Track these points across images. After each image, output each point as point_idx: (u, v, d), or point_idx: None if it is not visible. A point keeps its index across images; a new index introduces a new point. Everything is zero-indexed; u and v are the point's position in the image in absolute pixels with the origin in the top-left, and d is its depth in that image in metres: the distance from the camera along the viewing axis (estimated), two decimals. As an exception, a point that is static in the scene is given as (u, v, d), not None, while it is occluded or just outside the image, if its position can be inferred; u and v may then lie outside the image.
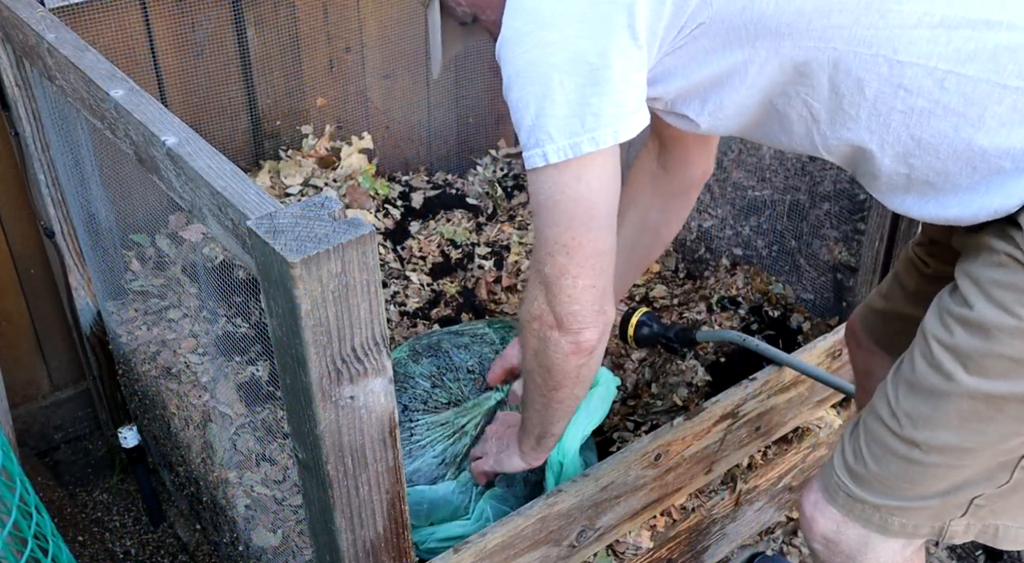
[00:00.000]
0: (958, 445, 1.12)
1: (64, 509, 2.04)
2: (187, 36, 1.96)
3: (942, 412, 1.12)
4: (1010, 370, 1.06)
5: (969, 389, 1.09)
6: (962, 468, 1.14)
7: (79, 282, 1.87)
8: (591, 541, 1.58)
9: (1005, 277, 1.05)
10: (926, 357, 1.14)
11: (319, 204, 0.97)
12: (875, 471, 1.20)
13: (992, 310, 1.06)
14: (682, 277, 2.28)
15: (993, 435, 1.10)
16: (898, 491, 1.19)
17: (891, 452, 1.18)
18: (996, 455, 1.13)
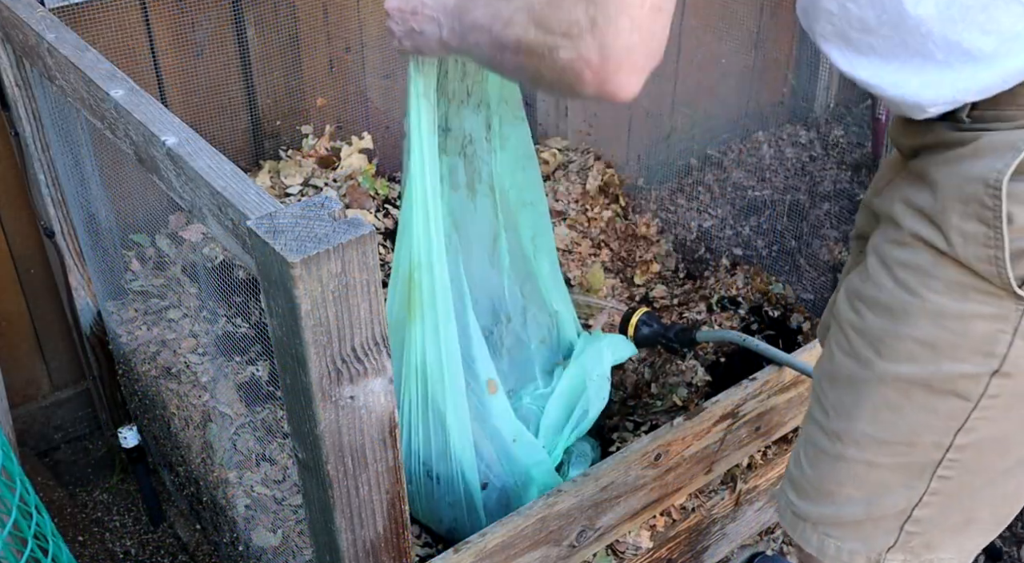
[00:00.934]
0: (873, 436, 1.08)
1: (64, 509, 2.04)
2: (187, 36, 1.96)
3: (860, 400, 1.09)
4: (916, 353, 1.02)
5: (880, 374, 1.06)
6: (880, 467, 1.10)
7: (79, 282, 1.87)
8: (591, 541, 1.58)
9: (910, 258, 1.02)
10: (841, 345, 1.11)
11: (319, 204, 0.97)
12: (809, 474, 1.17)
13: (898, 291, 1.03)
14: (682, 277, 2.28)
15: (904, 426, 1.06)
16: (826, 496, 1.15)
17: (821, 450, 1.15)
18: (909, 452, 1.08)
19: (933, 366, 1.02)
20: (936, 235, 0.99)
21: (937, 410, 1.04)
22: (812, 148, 2.74)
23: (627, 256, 2.26)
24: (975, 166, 0.94)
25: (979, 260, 0.96)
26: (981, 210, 0.94)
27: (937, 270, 1.00)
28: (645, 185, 2.59)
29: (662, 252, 2.29)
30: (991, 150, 0.94)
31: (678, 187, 2.61)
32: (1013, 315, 0.97)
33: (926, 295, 1.00)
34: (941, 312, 1.00)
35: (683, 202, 2.53)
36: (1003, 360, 0.99)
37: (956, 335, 1.00)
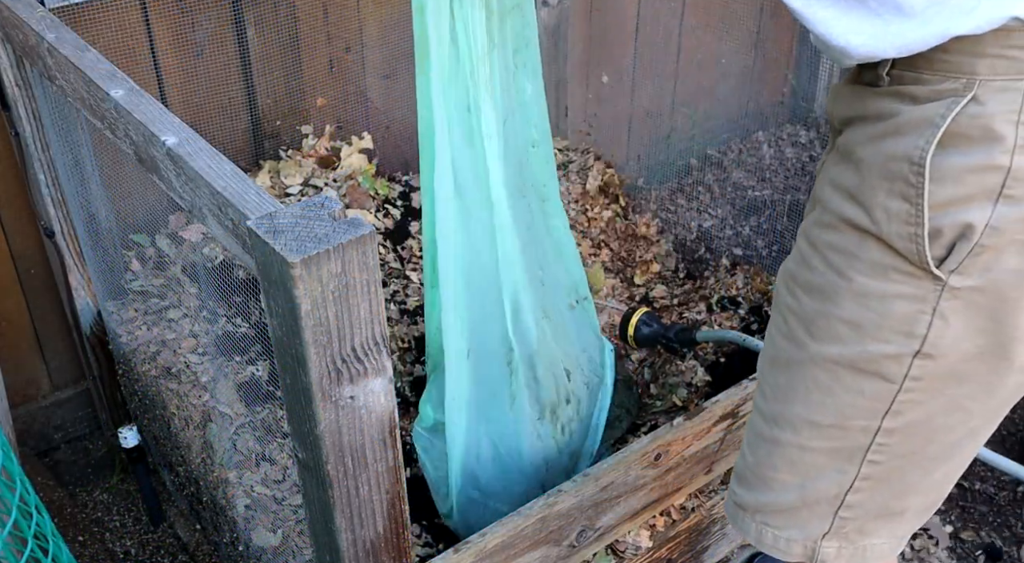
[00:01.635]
0: (806, 418, 1.10)
1: (64, 509, 2.04)
2: (187, 36, 1.96)
3: (793, 382, 1.10)
4: (843, 334, 1.04)
5: (812, 355, 1.07)
6: (812, 450, 1.11)
7: (79, 282, 1.87)
8: (591, 541, 1.58)
9: (837, 239, 1.03)
10: (780, 328, 1.12)
11: (319, 204, 0.97)
12: (749, 461, 1.18)
13: (828, 273, 1.04)
14: (682, 277, 2.28)
15: (834, 408, 1.07)
16: (763, 482, 1.17)
17: (758, 434, 1.16)
18: (841, 436, 1.09)
19: (859, 347, 1.03)
20: (861, 214, 1.00)
21: (864, 391, 1.05)
22: (812, 148, 2.74)
23: (627, 256, 2.26)
24: (899, 144, 0.96)
25: (900, 238, 0.97)
26: (905, 187, 0.96)
27: (861, 251, 1.01)
28: (645, 185, 2.60)
29: (662, 252, 2.29)
30: (912, 127, 0.95)
31: (678, 187, 2.61)
32: (931, 296, 0.98)
33: (852, 276, 1.02)
34: (865, 292, 1.01)
35: (683, 202, 2.53)
36: (923, 341, 1.00)
37: (879, 315, 1.01)
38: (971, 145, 0.92)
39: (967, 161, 0.93)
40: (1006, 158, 0.92)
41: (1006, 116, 0.91)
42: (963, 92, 0.92)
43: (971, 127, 0.92)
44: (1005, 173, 0.92)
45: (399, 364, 1.91)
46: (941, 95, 0.93)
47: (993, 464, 1.99)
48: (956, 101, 0.92)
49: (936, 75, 0.94)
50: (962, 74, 0.92)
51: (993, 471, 2.21)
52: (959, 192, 0.94)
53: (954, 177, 0.93)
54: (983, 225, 0.94)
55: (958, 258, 0.96)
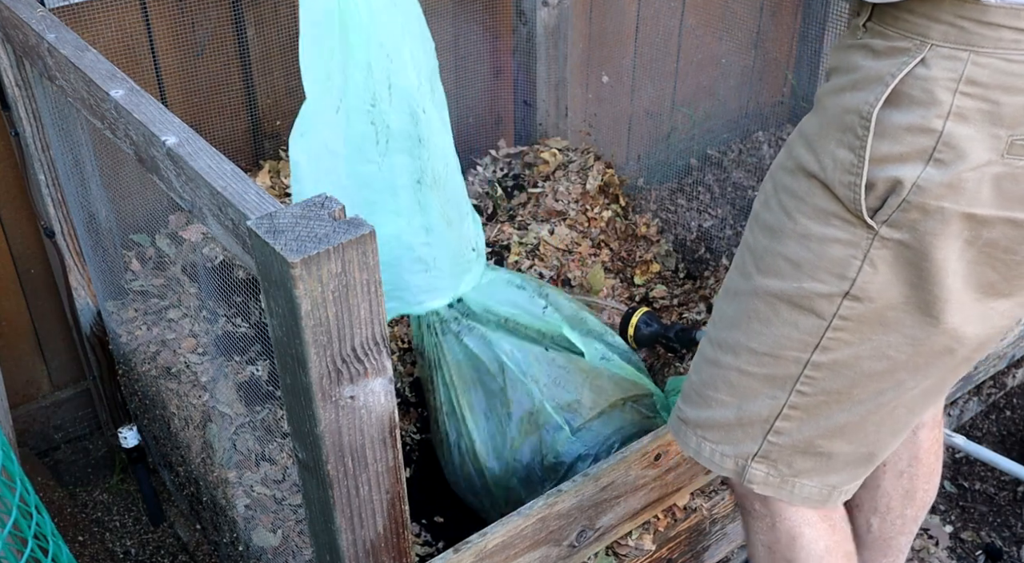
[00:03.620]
0: (746, 345, 1.18)
1: (64, 509, 2.04)
2: (187, 36, 1.96)
3: (739, 311, 1.19)
4: (784, 270, 1.12)
5: (755, 286, 1.16)
6: (749, 375, 1.19)
7: (79, 282, 1.87)
8: (591, 541, 1.58)
9: (791, 182, 1.11)
10: (736, 262, 1.22)
11: (319, 204, 0.97)
12: (694, 380, 1.27)
13: (779, 213, 1.13)
14: (682, 277, 2.28)
15: (771, 337, 1.15)
16: (704, 400, 1.25)
17: (704, 357, 1.25)
18: (775, 364, 1.17)
19: (796, 283, 1.11)
20: (812, 160, 1.08)
21: (798, 325, 1.13)
22: (812, 148, 2.74)
23: (627, 256, 2.26)
24: (854, 97, 1.03)
25: (842, 185, 1.05)
26: (852, 139, 1.03)
27: (809, 195, 1.09)
28: (645, 185, 2.60)
29: (662, 252, 2.29)
30: (867, 82, 1.02)
31: (678, 187, 2.61)
32: (863, 242, 1.06)
33: (797, 218, 1.10)
34: (807, 234, 1.10)
35: (683, 202, 2.53)
36: (853, 283, 1.08)
37: (816, 256, 1.09)
38: (912, 105, 0.99)
39: (906, 120, 1.00)
40: (940, 122, 0.98)
41: (946, 83, 0.97)
42: (914, 53, 0.99)
43: (915, 87, 0.99)
44: (937, 137, 0.99)
45: (399, 364, 1.91)
46: (895, 52, 1.00)
47: (993, 464, 1.99)
48: (907, 61, 0.99)
49: (896, 32, 1.01)
50: (917, 35, 0.99)
51: (993, 471, 2.21)
52: (896, 149, 1.01)
53: (893, 134, 1.01)
54: (911, 183, 1.01)
55: (888, 211, 1.03)
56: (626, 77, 2.64)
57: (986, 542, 2.06)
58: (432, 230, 1.61)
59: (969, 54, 0.97)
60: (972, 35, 0.96)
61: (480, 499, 1.73)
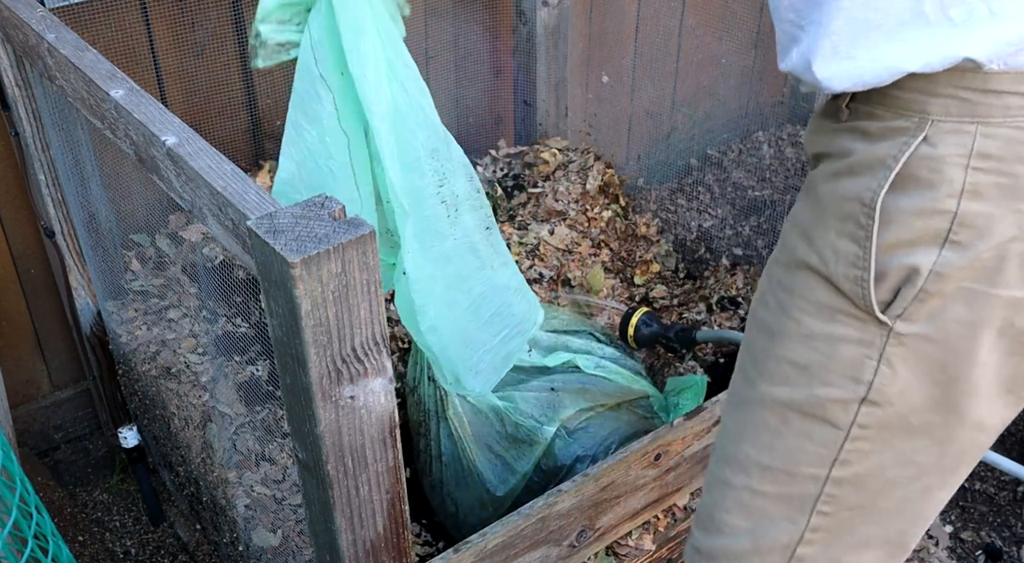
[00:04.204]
0: (756, 460, 1.08)
1: (64, 509, 2.04)
2: (187, 36, 1.96)
3: (745, 422, 1.08)
4: (790, 375, 1.02)
5: (761, 395, 1.05)
6: (763, 495, 1.08)
7: (79, 282, 1.87)
8: (591, 541, 1.58)
9: (786, 279, 1.02)
10: (739, 365, 1.11)
11: (319, 204, 0.97)
12: (705, 501, 1.15)
13: (777, 311, 1.03)
14: (682, 277, 2.28)
15: (782, 451, 1.05)
16: (717, 526, 1.14)
17: (713, 475, 1.14)
18: (790, 481, 1.06)
19: (806, 389, 1.01)
20: (811, 253, 0.98)
21: (812, 436, 1.03)
22: (812, 148, 2.74)
23: (627, 256, 2.26)
24: (852, 184, 0.94)
25: (847, 280, 0.95)
26: (855, 229, 0.94)
27: (808, 291, 0.99)
28: (645, 185, 2.60)
29: (662, 252, 2.29)
30: (866, 167, 0.93)
31: (678, 187, 2.61)
32: (877, 340, 0.96)
33: (797, 316, 1.00)
34: (811, 334, 0.99)
35: (683, 202, 2.53)
36: (869, 387, 0.98)
37: (825, 357, 0.99)
38: (919, 187, 0.90)
39: (914, 204, 0.91)
40: (953, 202, 0.89)
41: (956, 159, 0.89)
42: (915, 131, 0.90)
43: (920, 168, 0.90)
44: (951, 218, 0.90)
45: (399, 364, 1.91)
46: (893, 133, 0.92)
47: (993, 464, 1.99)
48: (908, 141, 0.90)
49: (889, 112, 0.92)
50: (914, 112, 0.90)
51: (993, 471, 2.21)
52: (905, 235, 0.92)
53: (901, 220, 0.92)
54: (928, 270, 0.91)
55: (903, 303, 0.93)
56: (626, 77, 2.64)
57: (986, 542, 2.06)
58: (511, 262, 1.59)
59: (976, 126, 0.88)
60: (977, 106, 0.88)
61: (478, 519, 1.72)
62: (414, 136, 1.38)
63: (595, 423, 1.69)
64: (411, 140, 1.37)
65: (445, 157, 1.43)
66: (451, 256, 1.47)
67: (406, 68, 1.36)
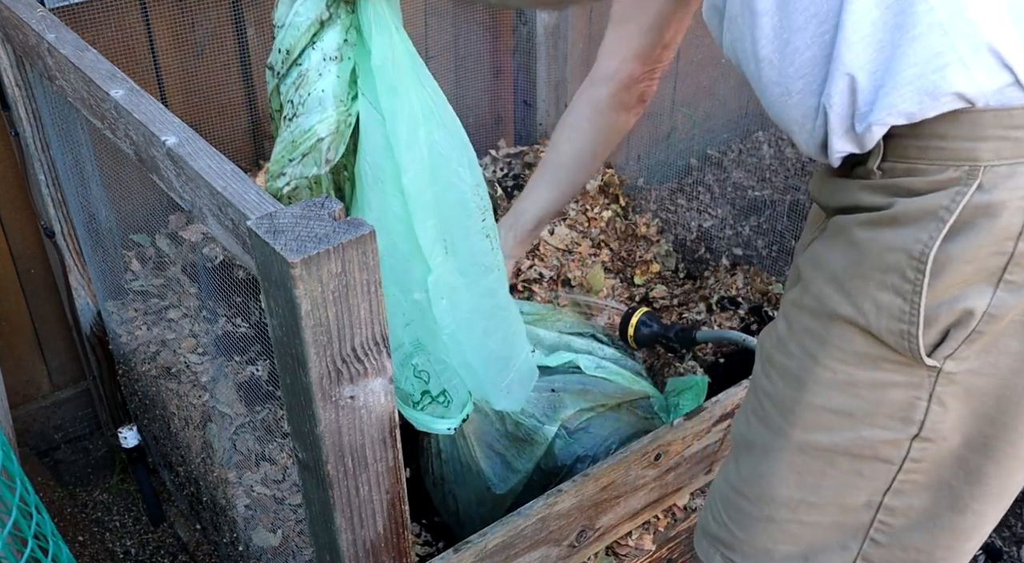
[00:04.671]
0: (802, 500, 1.05)
1: (64, 509, 2.04)
2: (187, 36, 1.96)
3: (779, 468, 1.05)
4: (832, 422, 0.99)
5: (799, 443, 1.02)
6: (812, 524, 1.06)
7: (79, 282, 1.87)
8: (591, 541, 1.58)
9: (817, 327, 0.97)
10: (756, 411, 1.08)
11: (319, 204, 0.97)
12: (741, 537, 1.12)
13: (806, 360, 0.98)
14: (682, 277, 2.28)
15: (831, 490, 1.03)
16: (764, 553, 1.11)
17: (746, 514, 1.11)
18: (841, 512, 1.04)
19: (852, 433, 0.99)
20: (845, 304, 0.94)
21: (862, 472, 1.01)
22: (812, 148, 2.74)
23: (627, 256, 2.26)
24: (897, 235, 0.89)
25: (891, 333, 0.92)
26: (900, 282, 0.89)
27: (845, 343, 0.95)
28: (645, 185, 2.60)
29: (662, 252, 2.29)
30: (912, 218, 0.88)
31: (678, 187, 2.61)
32: (927, 382, 0.93)
33: (833, 366, 0.97)
34: (852, 382, 0.96)
35: (683, 202, 2.53)
36: (921, 426, 0.96)
37: (871, 403, 0.97)
38: (973, 233, 0.86)
39: (968, 250, 0.86)
40: (1010, 245, 0.86)
41: (1015, 203, 0.84)
42: (967, 180, 0.85)
43: (976, 215, 0.85)
44: (1008, 258, 0.86)
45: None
46: (942, 186, 0.86)
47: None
48: (961, 191, 0.85)
49: (934, 165, 0.87)
50: (964, 161, 0.85)
51: (993, 471, 2.21)
52: (957, 279, 0.88)
53: (954, 266, 0.87)
54: (982, 312, 0.88)
55: (953, 344, 0.90)
56: (626, 77, 2.63)
57: (986, 542, 2.06)
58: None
59: None
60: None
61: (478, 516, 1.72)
62: (460, 178, 1.37)
63: (596, 423, 1.68)
64: (457, 182, 1.37)
65: (485, 190, 1.42)
66: (495, 289, 1.45)
67: (443, 105, 1.37)
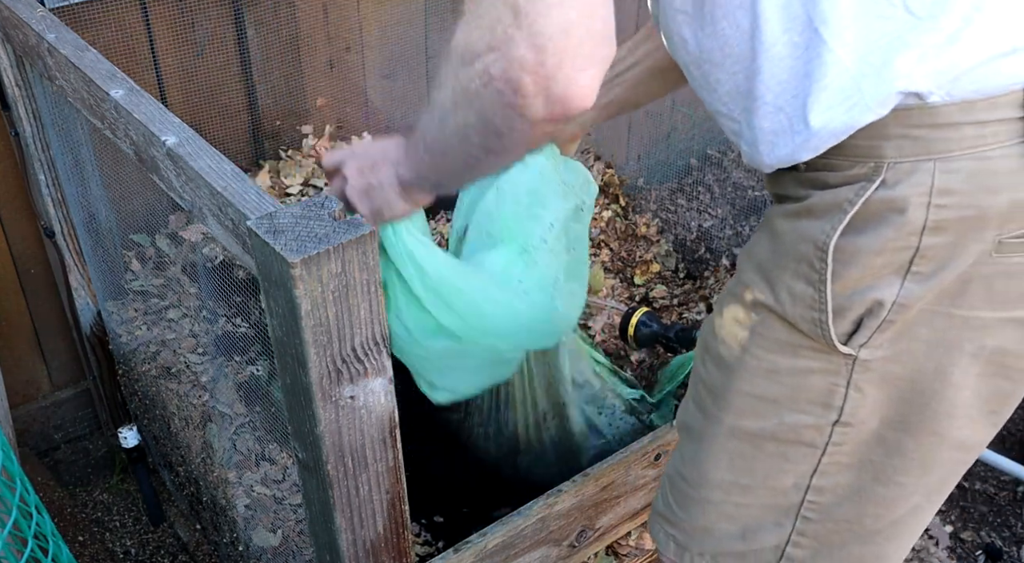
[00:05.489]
0: (734, 482, 1.08)
1: (64, 509, 2.04)
2: (187, 36, 1.96)
3: (712, 452, 1.08)
4: (757, 408, 1.02)
5: (729, 427, 1.05)
6: (746, 505, 1.10)
7: (79, 282, 1.87)
8: (591, 541, 1.58)
9: (743, 316, 1.01)
10: (693, 395, 1.11)
11: (319, 204, 0.97)
12: (683, 516, 1.16)
13: (734, 347, 1.02)
14: (682, 277, 2.28)
15: (760, 472, 1.06)
16: (704, 531, 1.15)
17: (685, 495, 1.15)
18: (772, 494, 1.07)
19: (776, 419, 1.01)
20: (767, 292, 0.97)
21: (788, 457, 1.04)
22: (812, 148, 2.74)
23: (627, 256, 2.26)
24: (809, 226, 0.92)
25: (805, 321, 0.95)
26: (809, 271, 0.93)
27: (766, 329, 0.99)
28: (645, 185, 2.59)
29: (662, 252, 2.29)
30: (823, 210, 0.91)
31: (678, 187, 2.60)
32: (843, 369, 0.96)
33: (758, 353, 1.00)
34: (774, 369, 0.99)
35: (683, 202, 2.53)
36: (841, 411, 0.98)
37: (792, 390, 0.99)
38: (879, 227, 0.89)
39: (875, 243, 0.89)
40: (915, 239, 0.88)
41: (916, 199, 0.87)
42: (872, 175, 0.88)
43: (880, 209, 0.89)
44: (913, 252, 0.89)
45: (399, 364, 1.91)
46: (850, 180, 0.90)
47: (993, 464, 1.99)
48: (865, 186, 0.89)
49: (846, 160, 0.90)
50: (870, 158, 0.88)
51: (993, 471, 2.21)
52: (865, 272, 0.91)
53: (861, 260, 0.90)
54: (891, 302, 0.91)
55: (866, 333, 0.93)
56: (626, 77, 2.63)
57: (986, 542, 2.06)
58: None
59: (934, 163, 0.86)
60: (931, 142, 0.86)
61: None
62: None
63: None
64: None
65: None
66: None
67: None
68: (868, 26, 0.84)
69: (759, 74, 0.89)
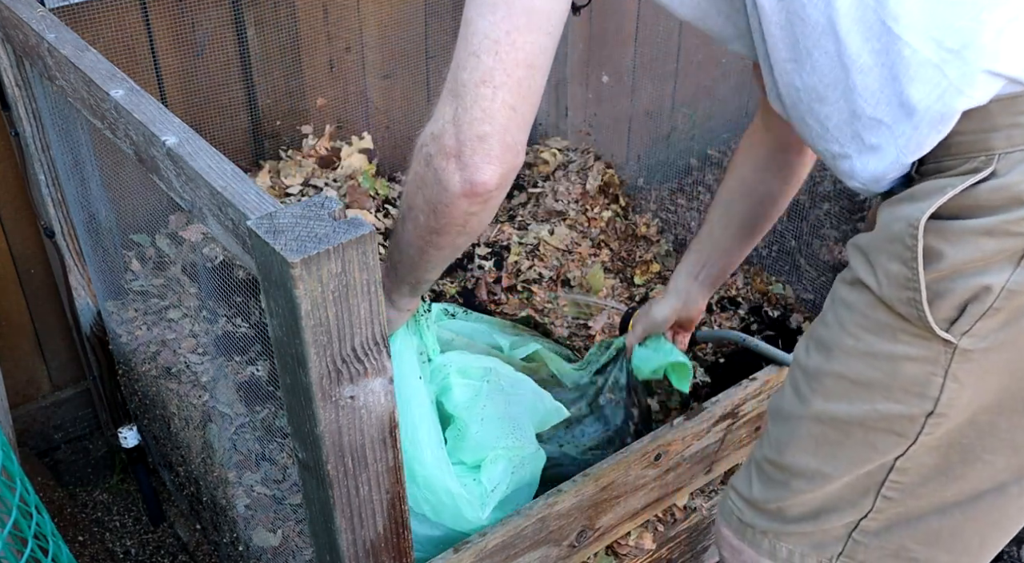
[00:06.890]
0: (817, 469, 1.09)
1: (64, 509, 2.04)
2: (187, 36, 1.96)
3: (798, 436, 1.09)
4: (850, 392, 1.03)
5: (817, 412, 1.06)
6: (827, 493, 1.11)
7: (79, 282, 1.87)
8: (591, 541, 1.58)
9: (850, 296, 1.02)
10: (789, 381, 1.13)
11: (319, 204, 0.97)
12: (759, 496, 1.17)
13: (836, 328, 1.03)
14: (682, 277, 2.28)
15: (845, 460, 1.06)
16: (776, 513, 1.16)
17: (769, 478, 1.16)
18: (855, 480, 1.08)
19: (867, 405, 1.02)
20: (869, 275, 0.99)
21: (876, 446, 1.04)
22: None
23: (627, 256, 2.26)
24: (907, 208, 0.95)
25: (900, 302, 0.96)
26: (902, 250, 0.94)
27: (870, 310, 1.00)
28: (645, 185, 2.59)
29: (662, 252, 2.29)
30: (924, 194, 0.94)
31: (678, 187, 2.60)
32: (942, 358, 0.96)
33: (858, 333, 1.01)
34: (872, 352, 1.00)
35: (683, 202, 2.53)
36: (936, 402, 0.98)
37: (887, 375, 0.99)
38: (990, 211, 0.90)
39: (985, 225, 0.90)
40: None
41: None
42: (981, 168, 0.90)
43: (992, 197, 0.90)
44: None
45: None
46: (960, 173, 0.92)
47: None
48: (972, 176, 0.90)
49: (956, 159, 0.92)
50: (979, 152, 0.90)
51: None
52: (976, 254, 0.91)
53: (970, 240, 0.91)
54: (1000, 288, 0.91)
55: (970, 320, 0.93)
56: (626, 77, 2.64)
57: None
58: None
59: None
60: None
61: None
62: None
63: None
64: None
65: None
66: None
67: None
68: (937, 13, 0.88)
69: (854, 91, 0.94)
